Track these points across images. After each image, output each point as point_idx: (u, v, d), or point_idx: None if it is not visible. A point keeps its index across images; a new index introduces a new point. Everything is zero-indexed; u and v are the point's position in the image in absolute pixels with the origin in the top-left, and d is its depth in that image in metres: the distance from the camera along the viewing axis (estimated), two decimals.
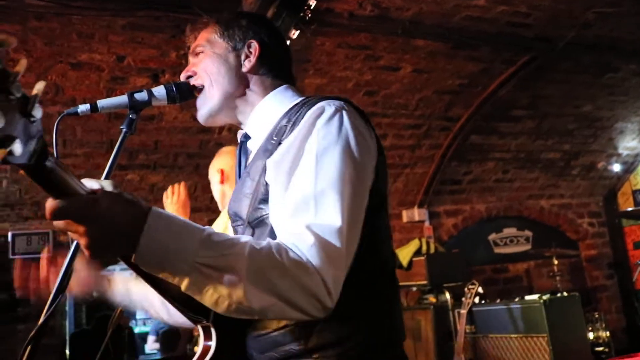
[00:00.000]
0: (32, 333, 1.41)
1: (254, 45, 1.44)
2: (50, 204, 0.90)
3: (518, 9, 4.37)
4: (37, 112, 0.83)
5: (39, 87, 0.85)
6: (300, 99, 1.39)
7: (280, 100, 1.42)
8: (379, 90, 5.16)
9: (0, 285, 4.85)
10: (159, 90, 1.64)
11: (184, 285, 1.00)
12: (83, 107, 1.66)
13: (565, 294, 5.09)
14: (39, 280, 1.59)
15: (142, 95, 1.63)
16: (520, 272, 7.18)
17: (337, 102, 1.25)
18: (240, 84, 1.44)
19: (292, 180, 1.18)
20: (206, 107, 1.46)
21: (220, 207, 3.16)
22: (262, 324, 1.25)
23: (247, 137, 1.52)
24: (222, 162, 3.32)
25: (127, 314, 5.66)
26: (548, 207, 7.45)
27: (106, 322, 3.84)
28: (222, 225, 3.11)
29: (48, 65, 4.12)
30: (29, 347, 1.40)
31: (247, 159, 1.53)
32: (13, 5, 3.50)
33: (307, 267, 1.04)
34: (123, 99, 1.64)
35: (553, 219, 7.49)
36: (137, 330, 8.32)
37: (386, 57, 4.79)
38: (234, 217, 1.41)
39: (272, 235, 1.18)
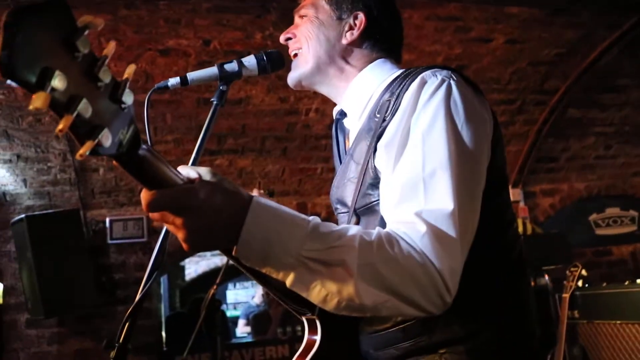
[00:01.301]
0: (129, 311, 1.40)
1: (360, 17, 1.36)
2: (145, 195, 0.83)
3: None
4: (128, 98, 0.77)
5: (129, 70, 0.79)
6: (401, 70, 1.28)
7: (378, 74, 1.33)
8: (470, 64, 4.90)
9: (100, 269, 5.05)
10: (249, 60, 1.60)
11: (289, 281, 0.92)
12: (173, 81, 1.64)
13: None
14: None
15: (232, 66, 1.60)
16: (625, 255, 6.70)
17: (443, 72, 1.14)
18: (337, 56, 1.37)
19: (399, 163, 1.08)
20: (298, 71, 1.41)
21: None
22: (378, 320, 1.17)
23: (343, 114, 1.43)
24: None
25: (219, 297, 5.79)
26: None
27: (199, 304, 3.91)
28: None
29: (138, 53, 4.20)
30: (126, 325, 1.40)
31: (344, 138, 1.46)
32: None
33: (421, 259, 0.94)
34: (213, 70, 1.61)
35: None
36: (228, 314, 8.55)
37: (477, 28, 4.54)
38: (337, 204, 1.34)
39: (382, 224, 1.09)
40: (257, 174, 5.38)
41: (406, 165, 1.06)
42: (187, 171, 0.90)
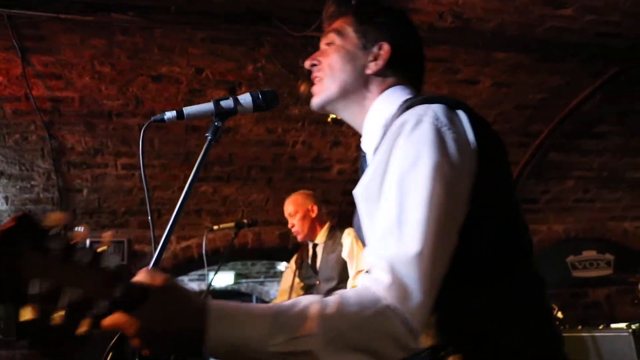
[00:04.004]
0: (113, 341, 1.40)
1: (385, 47, 1.37)
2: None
3: (609, 17, 4.14)
4: (112, 261, 0.84)
5: (105, 241, 0.90)
6: (403, 100, 1.28)
7: (383, 107, 1.33)
8: None
9: None
10: (245, 98, 1.61)
11: None
12: (169, 114, 1.64)
13: None
14: None
15: (228, 103, 1.60)
16: (600, 298, 6.79)
17: (423, 111, 1.14)
18: (361, 86, 1.38)
19: (380, 207, 1.10)
20: (321, 96, 1.41)
21: None
22: None
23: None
24: None
25: None
26: (632, 230, 7.01)
27: None
28: None
29: (130, 78, 4.23)
30: (109, 355, 1.39)
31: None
32: (101, 20, 3.60)
33: (385, 311, 0.97)
34: (209, 106, 1.61)
35: (637, 243, 7.03)
36: None
37: (465, 71, 4.65)
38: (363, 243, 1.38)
39: None
40: (241, 202, 5.38)
41: (383, 212, 1.08)
42: (143, 276, 0.92)
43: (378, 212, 1.11)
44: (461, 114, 1.16)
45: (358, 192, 1.21)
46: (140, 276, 0.91)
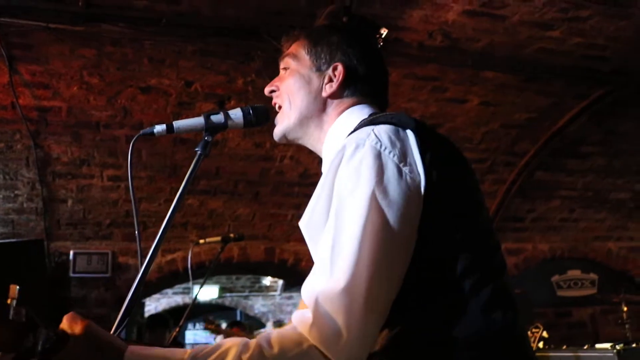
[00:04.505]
0: None
1: (339, 69, 1.34)
2: None
3: (595, 41, 4.20)
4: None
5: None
6: (355, 123, 1.24)
7: (341, 129, 1.29)
8: (444, 123, 5.04)
9: (60, 303, 4.91)
10: (236, 113, 1.59)
11: None
12: (159, 128, 1.62)
13: None
14: None
15: (218, 118, 1.59)
16: (584, 318, 6.82)
17: (365, 134, 1.09)
18: (318, 109, 1.35)
19: (319, 245, 1.09)
20: (281, 126, 1.40)
21: None
22: None
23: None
24: None
25: (181, 339, 5.65)
26: (616, 250, 7.08)
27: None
28: None
29: (119, 89, 4.21)
30: None
31: None
32: (92, 30, 3.59)
33: (308, 352, 0.97)
34: (199, 120, 1.59)
35: (621, 263, 7.10)
36: None
37: (453, 89, 4.69)
38: None
39: None
40: (227, 216, 5.36)
41: (321, 245, 1.07)
42: (65, 323, 0.99)
43: (318, 245, 1.08)
44: (409, 134, 1.10)
45: (302, 223, 1.18)
46: (63, 322, 0.98)
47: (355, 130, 1.17)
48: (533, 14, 3.83)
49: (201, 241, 3.90)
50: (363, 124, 1.17)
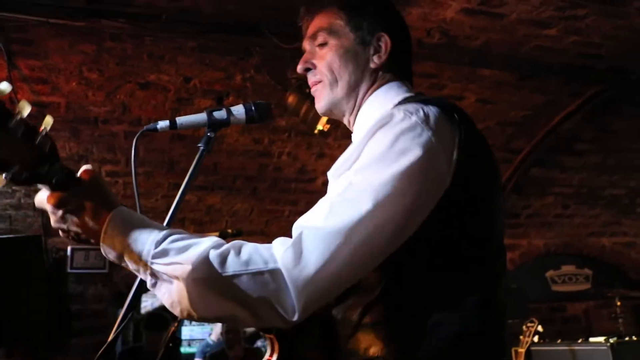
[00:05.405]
0: (101, 350, 1.39)
1: (385, 39, 1.30)
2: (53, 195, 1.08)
3: (591, 39, 4.24)
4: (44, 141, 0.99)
5: (46, 121, 1.02)
6: (404, 97, 1.25)
7: (380, 102, 1.28)
8: None
9: (57, 299, 4.92)
10: (238, 110, 1.60)
11: (147, 284, 1.06)
12: (162, 124, 1.63)
13: (634, 337, 4.80)
14: None
15: (221, 114, 1.59)
16: (578, 312, 6.89)
17: (414, 109, 1.09)
18: (366, 82, 1.32)
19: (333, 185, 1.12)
20: (328, 99, 1.35)
21: None
22: (356, 348, 1.14)
23: None
24: None
25: (178, 335, 5.67)
26: (610, 246, 7.14)
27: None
28: None
29: (118, 84, 4.22)
30: None
31: None
32: (92, 26, 3.59)
33: (271, 273, 0.98)
34: (202, 116, 1.60)
35: (615, 258, 7.16)
36: (182, 350, 8.35)
37: (450, 86, 4.72)
38: None
39: None
40: (225, 212, 5.37)
41: (334, 186, 1.09)
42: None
43: (332, 187, 1.11)
44: (455, 126, 1.11)
45: (330, 173, 1.20)
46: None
47: (402, 102, 1.17)
48: (530, 13, 3.86)
49: None
50: (412, 99, 1.17)
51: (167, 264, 1.01)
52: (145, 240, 1.04)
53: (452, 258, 1.11)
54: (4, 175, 0.93)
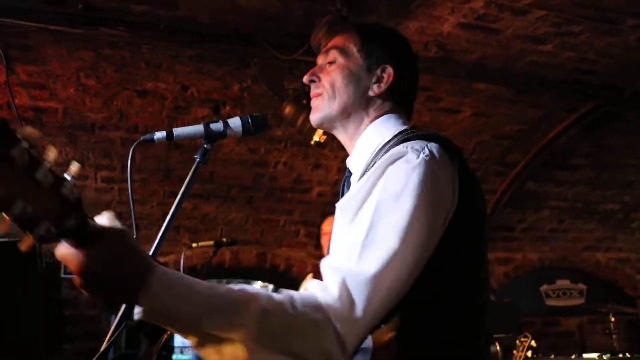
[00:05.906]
0: (95, 357, 1.39)
1: (389, 71, 1.37)
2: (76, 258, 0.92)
3: (586, 55, 4.28)
4: (73, 192, 0.86)
5: (74, 169, 0.89)
6: (398, 130, 1.31)
7: (380, 131, 1.34)
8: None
9: (51, 304, 4.90)
10: (235, 122, 1.62)
11: (193, 343, 1.01)
12: (159, 135, 1.65)
13: (628, 354, 4.80)
14: None
15: (217, 126, 1.62)
16: (572, 327, 6.87)
17: (420, 147, 1.16)
18: (361, 106, 1.38)
19: (352, 224, 1.14)
20: (322, 112, 1.41)
21: None
22: None
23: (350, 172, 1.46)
24: None
25: (171, 342, 5.64)
26: (604, 261, 7.14)
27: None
28: None
29: (115, 91, 4.24)
30: None
31: None
32: (90, 33, 3.62)
33: (323, 324, 1.01)
34: (199, 128, 1.62)
35: (610, 274, 7.16)
36: (174, 358, 8.29)
37: (447, 100, 4.75)
38: None
39: None
40: (220, 220, 5.37)
41: (353, 231, 1.12)
42: (100, 219, 0.96)
43: (349, 228, 1.14)
44: (454, 163, 1.19)
45: (339, 205, 1.23)
46: (101, 218, 0.95)
47: (405, 140, 1.21)
48: (526, 28, 3.90)
49: (194, 245, 3.92)
50: (415, 136, 1.22)
51: (224, 324, 0.99)
52: (191, 300, 0.99)
53: (446, 289, 1.17)
54: (31, 235, 0.81)
